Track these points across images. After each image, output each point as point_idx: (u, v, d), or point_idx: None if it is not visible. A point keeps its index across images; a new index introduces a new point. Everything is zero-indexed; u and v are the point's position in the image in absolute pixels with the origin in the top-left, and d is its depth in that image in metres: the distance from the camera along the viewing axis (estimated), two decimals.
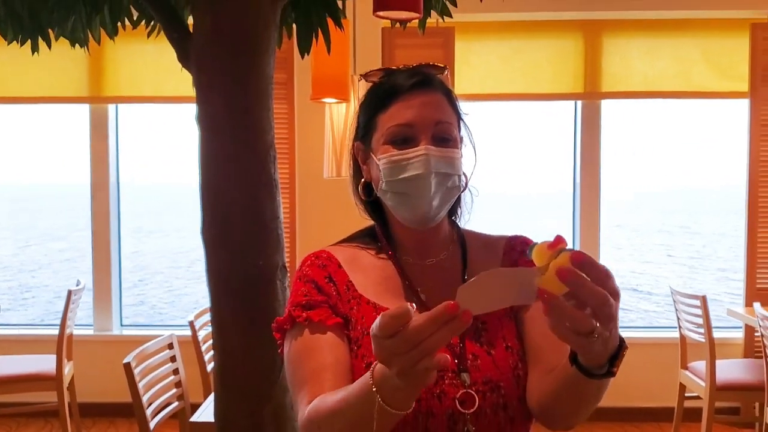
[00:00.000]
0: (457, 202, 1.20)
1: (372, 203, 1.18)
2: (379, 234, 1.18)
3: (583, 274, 0.75)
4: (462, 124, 1.18)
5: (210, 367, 3.17)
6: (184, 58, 1.95)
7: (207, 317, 3.32)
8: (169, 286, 13.10)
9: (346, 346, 1.07)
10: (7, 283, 13.47)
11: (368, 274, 1.14)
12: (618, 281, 0.78)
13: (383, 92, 1.14)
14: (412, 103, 1.11)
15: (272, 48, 1.86)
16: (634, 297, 12.24)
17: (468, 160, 1.18)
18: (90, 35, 2.38)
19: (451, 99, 1.15)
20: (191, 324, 3.16)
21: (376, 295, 1.11)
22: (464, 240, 1.20)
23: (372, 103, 1.16)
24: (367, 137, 1.15)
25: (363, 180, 1.17)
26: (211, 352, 3.22)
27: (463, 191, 1.17)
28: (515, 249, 1.19)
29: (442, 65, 1.18)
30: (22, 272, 14.54)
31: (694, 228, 21.27)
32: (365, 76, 1.20)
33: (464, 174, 1.15)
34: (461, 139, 1.16)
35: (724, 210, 23.12)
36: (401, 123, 1.10)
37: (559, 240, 0.77)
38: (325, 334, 1.06)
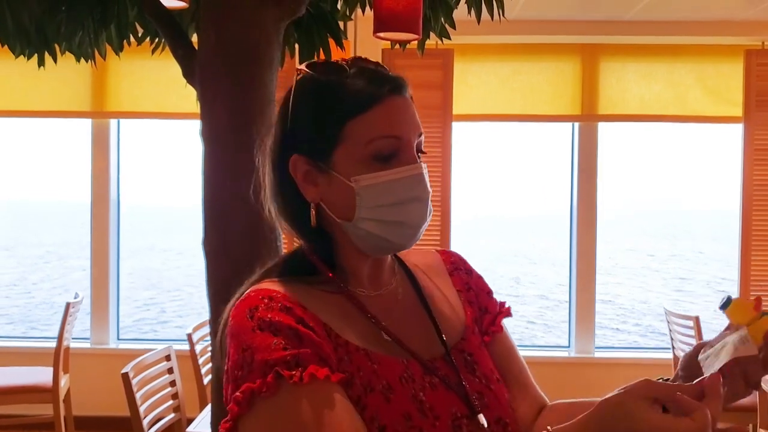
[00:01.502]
0: None
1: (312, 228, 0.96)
2: (320, 264, 0.95)
3: None
4: None
5: (207, 380, 3.19)
6: (189, 74, 2.00)
7: (204, 331, 3.34)
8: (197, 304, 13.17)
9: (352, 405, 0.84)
10: (36, 298, 13.50)
11: (332, 311, 0.91)
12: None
13: (353, 95, 0.92)
14: (396, 110, 0.92)
15: (275, 64, 1.91)
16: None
17: None
18: (96, 51, 2.44)
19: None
20: (189, 337, 3.18)
21: (354, 338, 0.90)
22: (403, 263, 1.04)
23: (333, 106, 0.92)
24: (324, 150, 0.92)
25: (313, 205, 0.95)
26: (209, 365, 3.26)
27: None
28: (459, 268, 1.09)
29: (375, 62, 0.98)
30: (50, 291, 14.48)
31: (708, 253, 21.21)
32: (310, 67, 0.95)
33: None
34: None
35: (725, 235, 23.21)
36: (390, 135, 0.91)
37: (760, 301, 0.83)
38: (333, 396, 0.82)
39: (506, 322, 1.09)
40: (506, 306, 1.09)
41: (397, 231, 0.92)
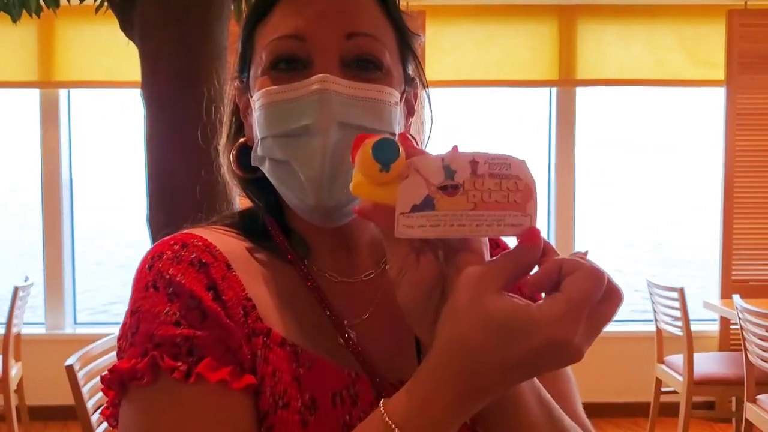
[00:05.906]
0: None
1: (258, 180, 0.73)
2: (274, 227, 0.72)
3: None
4: (407, 50, 0.72)
5: None
6: (128, 26, 1.76)
7: None
8: None
9: (256, 424, 0.61)
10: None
11: (269, 286, 0.67)
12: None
13: None
14: (302, 2, 0.67)
15: (225, 15, 1.68)
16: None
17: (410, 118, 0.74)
18: (26, 9, 2.17)
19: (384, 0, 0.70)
20: None
21: (287, 328, 0.66)
22: None
23: (250, 11, 0.73)
24: (246, 68, 0.73)
25: (241, 141, 0.73)
26: None
27: None
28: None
29: None
30: None
31: (688, 223, 21.15)
32: None
33: (410, 136, 0.71)
34: (407, 76, 0.72)
35: (706, 204, 23.28)
36: (286, 34, 0.67)
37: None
38: (224, 409, 0.60)
39: None
40: None
41: (289, 175, 0.66)
